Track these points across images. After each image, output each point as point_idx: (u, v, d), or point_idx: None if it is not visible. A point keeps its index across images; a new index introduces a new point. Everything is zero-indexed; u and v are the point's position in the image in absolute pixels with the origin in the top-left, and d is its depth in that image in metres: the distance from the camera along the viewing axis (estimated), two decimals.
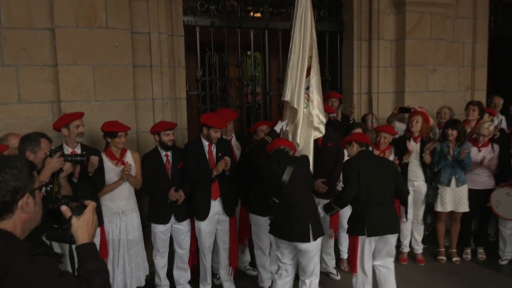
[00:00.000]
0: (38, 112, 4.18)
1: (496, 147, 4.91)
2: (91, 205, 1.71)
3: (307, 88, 4.18)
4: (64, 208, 1.64)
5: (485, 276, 4.71)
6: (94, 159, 3.56)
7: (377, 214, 3.59)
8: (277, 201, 3.54)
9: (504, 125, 5.76)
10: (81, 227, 1.63)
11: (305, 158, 3.77)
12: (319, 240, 3.56)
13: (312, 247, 3.51)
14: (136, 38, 4.51)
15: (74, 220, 1.63)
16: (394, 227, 3.75)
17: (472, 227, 5.27)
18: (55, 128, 3.71)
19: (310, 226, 3.46)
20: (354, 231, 3.70)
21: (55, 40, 4.10)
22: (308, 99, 4.17)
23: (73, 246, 1.68)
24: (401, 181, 3.84)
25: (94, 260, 1.61)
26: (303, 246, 3.49)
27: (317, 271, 3.67)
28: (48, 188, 3.05)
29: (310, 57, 4.23)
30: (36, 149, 3.18)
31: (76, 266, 1.62)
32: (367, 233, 3.60)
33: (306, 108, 4.16)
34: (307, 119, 4.14)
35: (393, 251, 3.90)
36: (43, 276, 1.40)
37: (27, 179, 1.53)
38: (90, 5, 4.14)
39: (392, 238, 3.78)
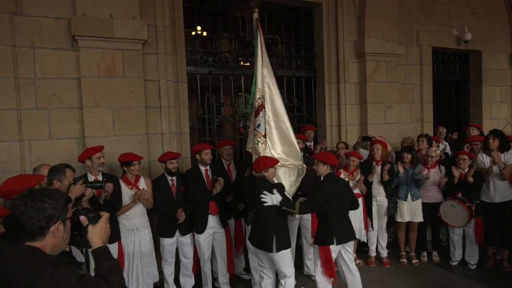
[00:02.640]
0: (65, 146, 4.15)
1: (443, 168, 4.94)
2: (105, 215, 1.71)
3: (258, 126, 3.96)
4: (82, 218, 1.65)
5: (439, 274, 4.65)
6: (108, 186, 3.51)
7: (342, 225, 3.60)
8: (251, 216, 3.80)
9: (448, 149, 5.83)
10: (96, 234, 1.63)
11: (279, 184, 3.65)
12: (285, 251, 3.47)
13: (277, 256, 3.45)
14: (148, 85, 4.53)
15: (90, 228, 1.63)
16: (354, 235, 3.79)
17: (428, 235, 5.24)
18: (80, 160, 3.67)
19: (274, 239, 3.42)
20: (323, 241, 3.57)
21: (80, 87, 4.11)
22: (258, 136, 3.93)
23: (89, 251, 1.67)
24: (353, 197, 3.83)
25: (109, 260, 1.60)
26: (269, 254, 3.48)
27: (289, 272, 3.52)
28: (73, 210, 2.98)
29: (260, 99, 4.03)
30: (62, 178, 3.14)
31: (94, 267, 1.61)
32: (336, 241, 3.54)
33: (257, 144, 3.92)
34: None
35: (352, 256, 3.87)
36: (64, 280, 1.38)
37: (62, 209, 1.54)
38: (110, 59, 4.17)
39: (352, 244, 3.81)
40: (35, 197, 1.49)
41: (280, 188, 3.54)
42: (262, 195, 3.36)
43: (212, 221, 4.09)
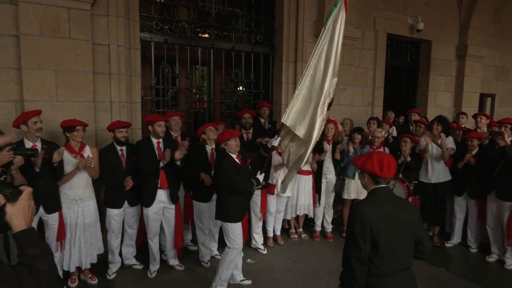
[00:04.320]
0: (1, 109, 3.82)
1: (387, 149, 5.18)
2: (26, 190, 1.39)
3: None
4: None
5: None
6: (61, 150, 3.36)
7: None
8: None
9: (394, 133, 6.12)
10: (17, 214, 1.33)
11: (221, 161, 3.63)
12: (228, 223, 3.55)
13: (222, 225, 3.63)
14: (97, 49, 4.25)
15: (8, 207, 1.33)
16: None
17: None
18: (15, 125, 3.41)
19: (221, 208, 3.60)
20: None
21: (19, 46, 3.76)
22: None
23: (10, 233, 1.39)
24: (422, 232, 2.18)
25: (35, 245, 1.33)
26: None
27: (232, 245, 3.58)
28: (2, 179, 2.76)
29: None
30: None
31: (16, 253, 1.33)
32: None
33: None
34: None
35: None
36: None
37: None
38: (54, 17, 3.84)
39: None
40: None
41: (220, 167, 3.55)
42: None
43: (162, 195, 3.99)
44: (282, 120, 3.63)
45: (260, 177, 3.69)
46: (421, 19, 7.01)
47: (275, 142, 3.78)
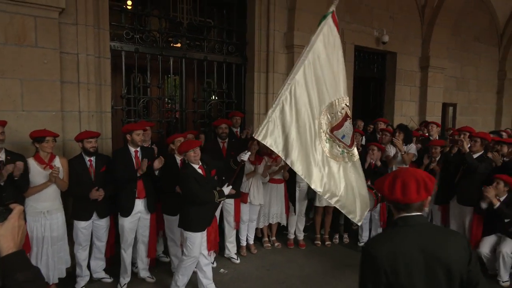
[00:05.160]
0: None
1: None
2: (17, 209, 1.27)
3: (342, 137, 3.42)
4: None
5: (348, 254, 5.11)
6: (19, 164, 3.27)
7: None
8: None
9: (364, 141, 6.35)
10: (5, 235, 1.21)
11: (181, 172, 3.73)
12: (188, 232, 3.61)
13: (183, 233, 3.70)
14: (65, 58, 4.20)
15: None
16: None
17: (340, 219, 5.70)
18: None
19: (182, 217, 3.69)
20: None
21: None
22: (343, 146, 3.42)
23: None
24: (478, 277, 1.65)
25: (24, 269, 1.19)
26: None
27: (188, 253, 3.64)
28: None
29: (344, 108, 3.41)
30: None
31: (2, 279, 1.20)
32: None
33: (342, 153, 3.40)
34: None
35: None
36: None
37: None
38: (20, 25, 3.78)
39: None
40: None
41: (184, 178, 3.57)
42: None
43: (140, 205, 3.97)
44: (255, 136, 3.34)
45: (227, 189, 3.74)
46: (386, 32, 7.37)
47: (244, 156, 3.88)
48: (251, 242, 5.08)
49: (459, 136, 4.85)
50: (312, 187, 3.29)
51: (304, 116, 3.25)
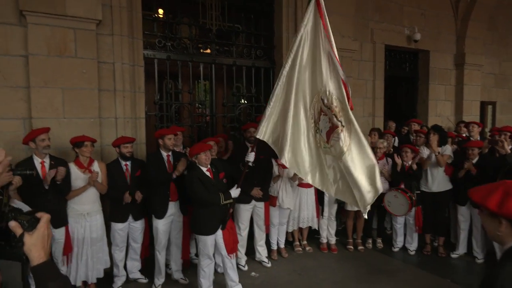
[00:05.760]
0: (10, 127, 3.96)
1: (390, 160, 5.29)
2: (45, 218, 1.25)
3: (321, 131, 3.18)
4: (13, 224, 1.20)
5: (381, 260, 5.02)
6: (61, 170, 3.46)
7: None
8: None
9: (396, 143, 6.23)
10: (36, 245, 1.20)
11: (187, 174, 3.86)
12: (199, 236, 3.75)
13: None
14: (102, 67, 4.42)
15: (26, 237, 1.20)
16: None
17: (373, 223, 5.60)
18: (24, 142, 3.58)
19: (193, 220, 3.81)
20: None
21: (28, 65, 3.93)
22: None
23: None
24: None
25: (55, 278, 1.21)
26: None
27: (201, 256, 3.81)
28: None
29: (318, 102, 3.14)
30: None
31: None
32: None
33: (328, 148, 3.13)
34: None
35: None
36: None
37: None
38: (61, 37, 4.02)
39: None
40: None
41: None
42: None
43: (173, 207, 4.10)
44: (255, 134, 3.40)
45: (235, 191, 3.72)
46: (418, 30, 7.19)
47: (250, 157, 3.76)
48: (282, 246, 5.09)
49: (499, 136, 4.65)
50: (309, 181, 3.26)
51: (296, 109, 3.21)
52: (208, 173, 3.73)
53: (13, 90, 3.94)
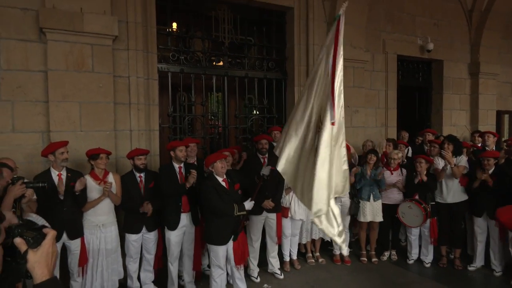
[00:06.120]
0: (29, 140, 4.09)
1: (404, 171, 5.24)
2: (50, 234, 1.24)
3: None
4: (18, 240, 1.19)
5: (396, 272, 4.93)
6: (82, 180, 3.56)
7: None
8: None
9: (410, 153, 6.17)
10: (39, 262, 1.18)
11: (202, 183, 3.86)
12: (211, 245, 3.80)
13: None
14: (118, 81, 4.54)
15: (30, 255, 1.18)
16: None
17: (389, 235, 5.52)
18: (43, 154, 3.67)
19: (205, 230, 3.88)
20: None
21: (47, 80, 4.07)
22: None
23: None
24: None
25: None
26: None
27: (212, 266, 3.86)
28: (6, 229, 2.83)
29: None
30: None
31: None
32: None
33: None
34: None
35: None
36: None
37: None
38: (79, 53, 4.16)
39: None
40: None
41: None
42: None
43: (184, 218, 4.15)
44: (274, 150, 3.48)
45: (249, 204, 3.79)
46: (431, 40, 7.17)
47: (265, 170, 3.91)
48: (295, 257, 5.06)
49: None
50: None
51: (303, 125, 3.26)
52: (223, 183, 3.78)
53: (32, 104, 4.09)
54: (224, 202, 3.66)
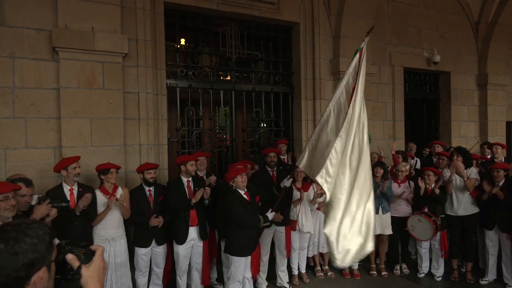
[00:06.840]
0: (41, 156, 4.18)
1: (412, 183, 5.20)
2: (100, 250, 1.28)
3: None
4: (70, 257, 1.21)
5: (407, 286, 4.87)
6: (87, 196, 3.60)
7: None
8: None
9: (418, 165, 6.12)
10: (92, 277, 1.21)
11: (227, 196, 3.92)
12: (231, 257, 3.85)
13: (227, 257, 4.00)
14: (127, 97, 4.64)
15: (84, 270, 1.21)
16: None
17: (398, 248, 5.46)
18: (56, 170, 3.73)
19: (226, 242, 4.00)
20: None
21: (59, 97, 4.18)
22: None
23: None
24: None
25: None
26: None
27: (230, 277, 3.89)
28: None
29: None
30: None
31: None
32: None
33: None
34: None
35: None
36: None
37: (47, 250, 1.11)
38: (90, 71, 4.28)
39: None
40: (10, 237, 1.06)
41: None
42: None
43: (193, 232, 4.17)
44: (297, 164, 3.76)
45: (270, 215, 3.89)
46: (437, 52, 7.18)
47: (287, 183, 4.02)
48: (303, 270, 5.03)
49: None
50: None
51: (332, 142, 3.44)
52: (245, 196, 3.86)
53: (45, 121, 4.19)
54: (250, 214, 3.75)
